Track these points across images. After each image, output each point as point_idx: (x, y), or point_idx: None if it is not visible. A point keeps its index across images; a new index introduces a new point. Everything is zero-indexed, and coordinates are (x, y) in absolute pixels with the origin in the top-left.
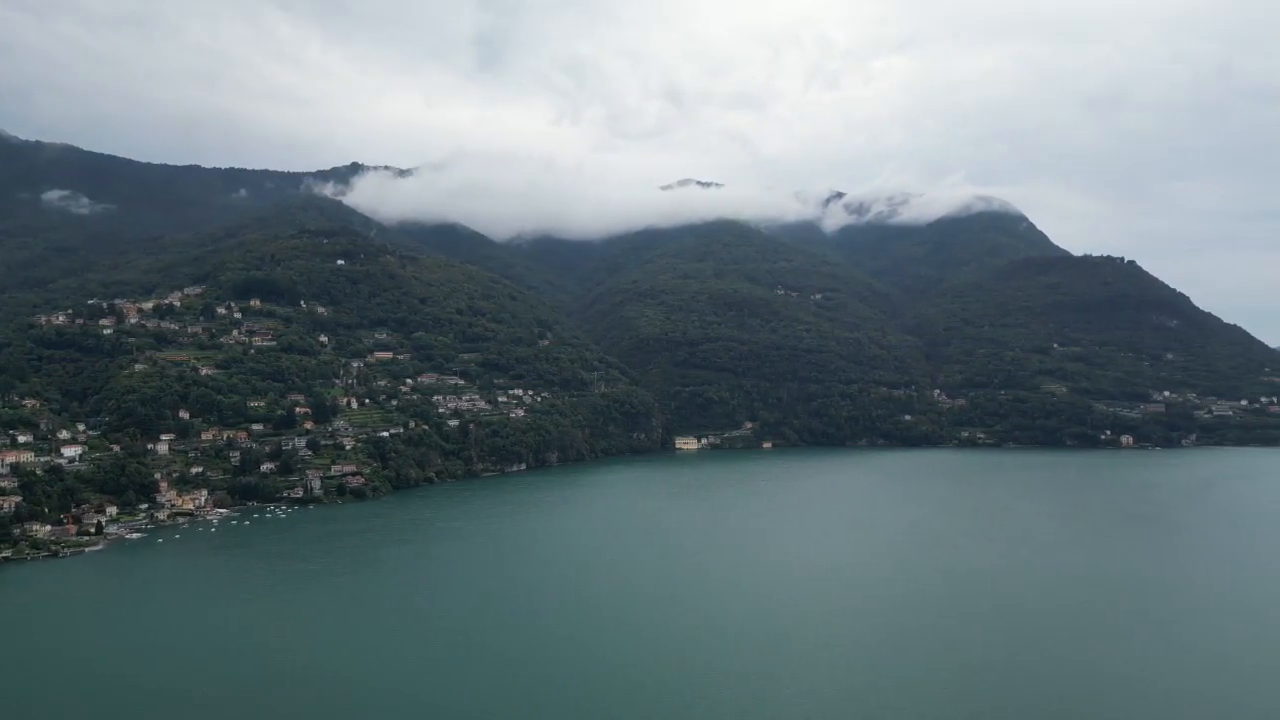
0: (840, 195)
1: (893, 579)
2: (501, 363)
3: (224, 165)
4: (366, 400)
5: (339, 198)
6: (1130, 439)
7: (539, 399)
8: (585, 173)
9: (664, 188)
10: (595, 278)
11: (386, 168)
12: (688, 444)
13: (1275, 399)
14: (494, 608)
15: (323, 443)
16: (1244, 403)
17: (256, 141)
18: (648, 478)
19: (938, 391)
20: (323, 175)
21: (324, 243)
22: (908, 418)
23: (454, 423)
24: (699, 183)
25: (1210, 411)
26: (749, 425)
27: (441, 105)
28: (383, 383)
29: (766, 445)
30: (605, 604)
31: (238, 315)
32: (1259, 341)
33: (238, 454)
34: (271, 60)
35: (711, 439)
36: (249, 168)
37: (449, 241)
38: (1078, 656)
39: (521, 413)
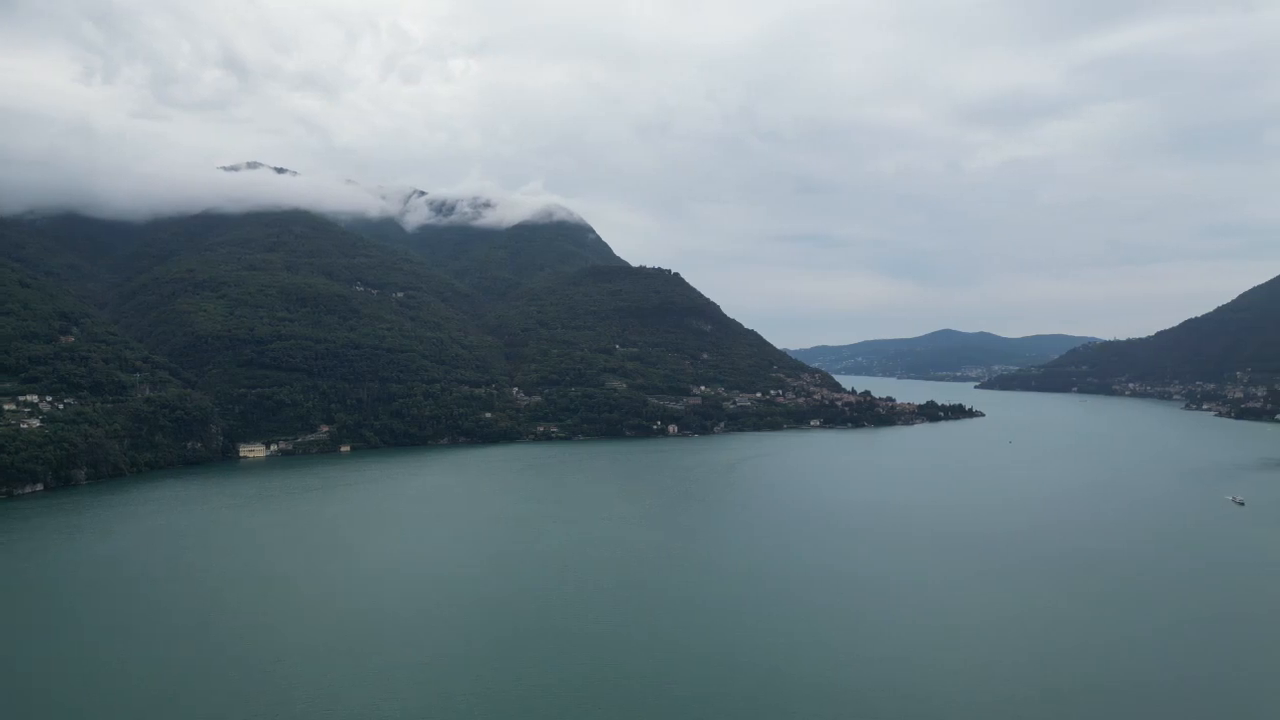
0: (423, 193)
1: (482, 567)
2: (9, 363)
3: None
4: None
5: None
6: (676, 428)
7: (61, 406)
8: (127, 143)
9: (227, 169)
10: (138, 265)
11: None
12: (254, 451)
13: (780, 391)
14: None
15: None
16: (758, 395)
17: None
18: (204, 493)
19: (516, 389)
20: None
21: None
22: (488, 415)
23: None
24: (274, 168)
25: (734, 403)
26: (325, 428)
27: None
28: None
29: (345, 449)
30: (162, 630)
31: None
32: (769, 344)
33: None
34: None
35: (283, 444)
36: None
37: None
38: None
39: (37, 423)
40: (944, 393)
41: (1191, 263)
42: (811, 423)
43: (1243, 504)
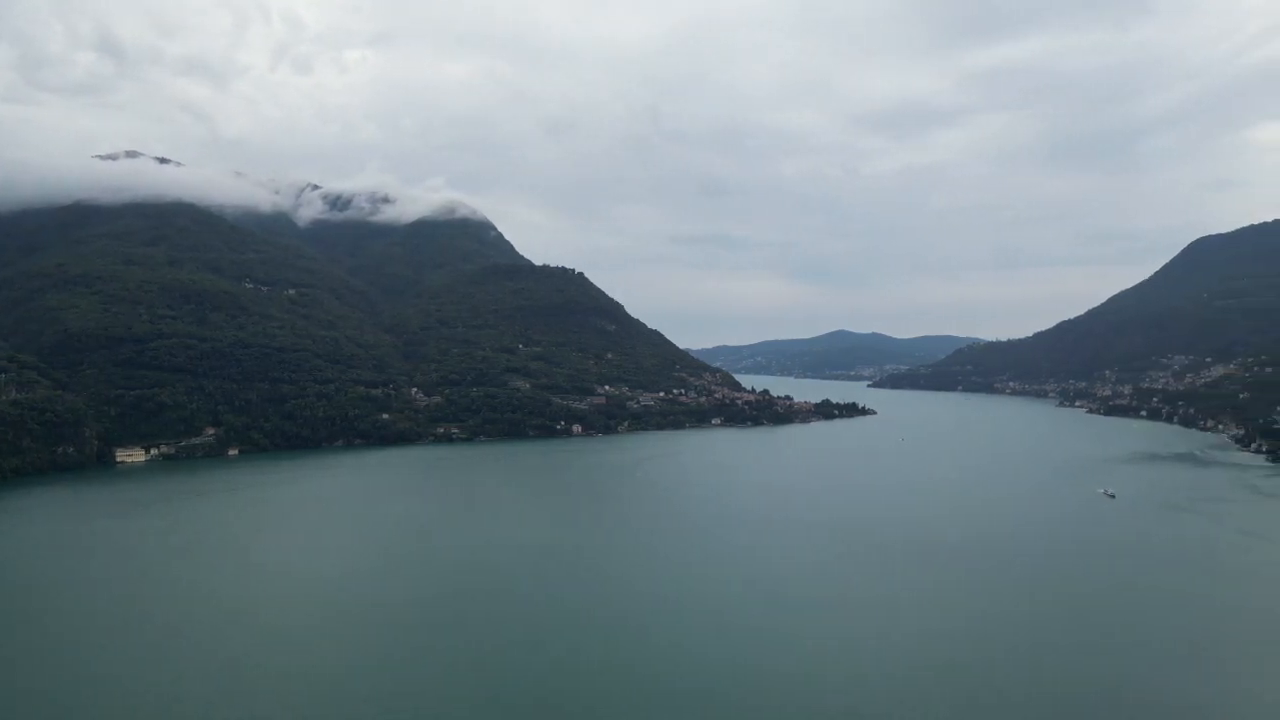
0: (317, 187)
1: (382, 570)
2: None
3: None
4: None
5: None
6: (580, 427)
7: None
8: None
9: (103, 157)
10: (2, 258)
11: None
12: (133, 455)
13: (682, 390)
14: None
15: None
16: (662, 394)
17: None
18: (78, 499)
19: (415, 390)
20: None
21: None
22: (385, 416)
23: None
24: (155, 158)
25: (638, 402)
26: (211, 431)
27: None
28: None
29: (232, 452)
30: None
31: None
32: (672, 344)
33: None
34: None
35: (165, 448)
36: None
37: None
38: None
39: None
40: (839, 391)
41: (1069, 267)
42: (713, 421)
43: (1113, 496)
